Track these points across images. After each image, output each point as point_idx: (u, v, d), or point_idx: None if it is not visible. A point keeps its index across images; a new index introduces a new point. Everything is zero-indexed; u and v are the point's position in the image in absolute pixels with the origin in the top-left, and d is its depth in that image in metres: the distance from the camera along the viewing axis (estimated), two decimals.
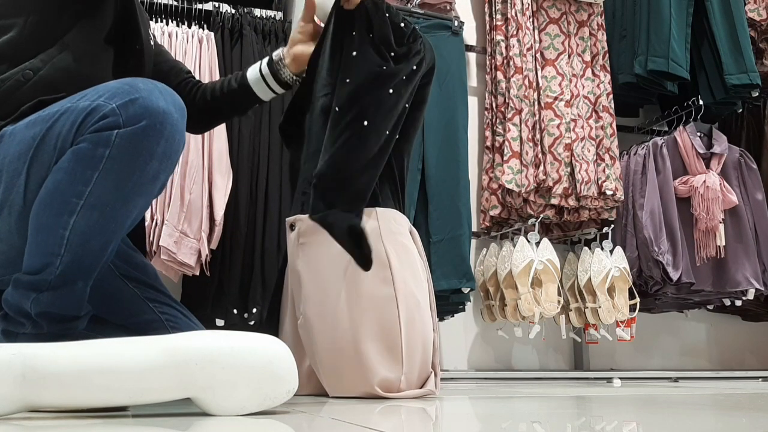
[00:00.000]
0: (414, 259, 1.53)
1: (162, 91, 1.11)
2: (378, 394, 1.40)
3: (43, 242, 1.09)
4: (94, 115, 1.07)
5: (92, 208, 1.08)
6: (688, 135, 2.97)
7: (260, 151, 2.46)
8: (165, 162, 1.12)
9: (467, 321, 2.93)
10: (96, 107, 1.08)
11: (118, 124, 1.06)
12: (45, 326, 1.11)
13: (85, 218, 1.08)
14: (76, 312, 1.13)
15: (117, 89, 1.09)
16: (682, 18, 2.95)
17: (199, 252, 2.28)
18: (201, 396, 0.97)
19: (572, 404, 1.33)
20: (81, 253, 1.10)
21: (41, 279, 1.10)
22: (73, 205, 1.08)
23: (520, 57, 2.82)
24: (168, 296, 1.39)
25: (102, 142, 1.06)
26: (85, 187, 1.07)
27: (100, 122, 1.07)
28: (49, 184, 1.09)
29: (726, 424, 0.94)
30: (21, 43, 1.26)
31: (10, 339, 1.13)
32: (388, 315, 1.44)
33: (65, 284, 1.11)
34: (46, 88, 1.23)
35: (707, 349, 3.37)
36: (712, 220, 2.87)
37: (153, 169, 1.11)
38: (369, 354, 1.41)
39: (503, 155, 2.75)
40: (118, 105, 1.07)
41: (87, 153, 1.07)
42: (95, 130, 1.07)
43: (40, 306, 1.10)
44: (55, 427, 0.87)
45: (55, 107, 1.13)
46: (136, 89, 1.08)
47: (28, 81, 1.23)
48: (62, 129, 1.09)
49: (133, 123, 1.07)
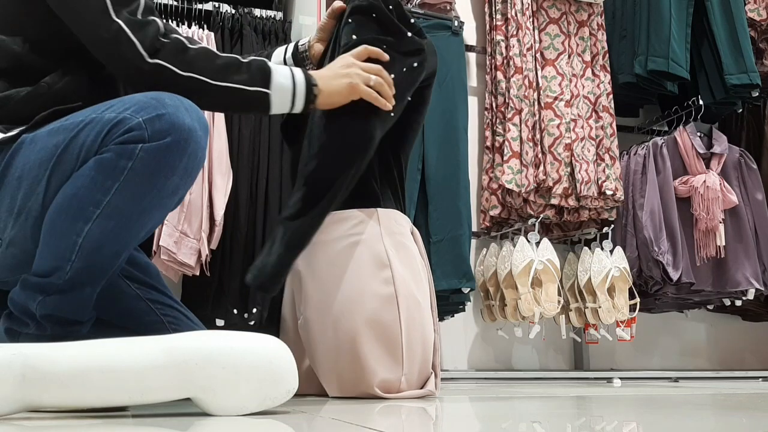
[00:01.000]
0: (415, 259, 1.53)
1: (188, 107, 1.12)
2: (377, 395, 1.40)
3: (56, 246, 1.10)
4: (120, 127, 1.08)
5: (108, 217, 1.09)
6: (688, 135, 2.97)
7: (260, 151, 2.45)
8: (185, 178, 1.13)
9: (467, 321, 2.93)
10: (122, 119, 1.08)
11: (143, 138, 1.07)
12: (49, 328, 1.11)
13: (100, 227, 1.09)
14: (81, 317, 1.14)
15: (144, 103, 1.09)
16: (682, 18, 2.95)
17: (199, 252, 2.28)
18: (201, 396, 0.97)
19: (572, 404, 1.33)
20: (92, 261, 1.11)
21: (50, 282, 1.10)
22: (89, 213, 1.08)
23: (520, 57, 2.82)
24: (170, 297, 1.40)
25: (126, 155, 1.07)
26: (103, 196, 1.08)
27: (125, 135, 1.07)
28: (68, 190, 1.09)
29: (726, 424, 0.94)
30: (36, 52, 1.25)
31: (12, 338, 1.13)
32: (388, 315, 1.44)
33: (73, 289, 1.11)
34: (62, 99, 1.21)
35: (707, 349, 3.37)
36: (712, 220, 2.87)
37: (173, 185, 1.11)
38: (368, 355, 1.41)
39: (503, 155, 2.75)
40: (144, 119, 1.07)
41: (109, 163, 1.07)
42: (120, 142, 1.07)
43: (45, 308, 1.11)
44: (55, 427, 0.87)
45: (79, 117, 1.13)
46: (162, 104, 1.09)
47: (43, 92, 1.21)
48: (87, 139, 1.09)
49: (158, 138, 1.07)
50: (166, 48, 1.22)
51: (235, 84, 1.26)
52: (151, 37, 1.21)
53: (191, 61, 1.23)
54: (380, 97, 1.42)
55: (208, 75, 1.24)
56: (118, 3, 1.20)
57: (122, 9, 1.20)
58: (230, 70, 1.27)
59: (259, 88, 1.29)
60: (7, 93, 1.20)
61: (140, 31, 1.20)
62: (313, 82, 1.36)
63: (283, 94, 1.31)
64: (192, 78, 1.23)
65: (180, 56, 1.23)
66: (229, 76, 1.26)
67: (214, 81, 1.24)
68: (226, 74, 1.26)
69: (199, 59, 1.24)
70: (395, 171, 1.58)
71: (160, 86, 1.21)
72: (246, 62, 1.29)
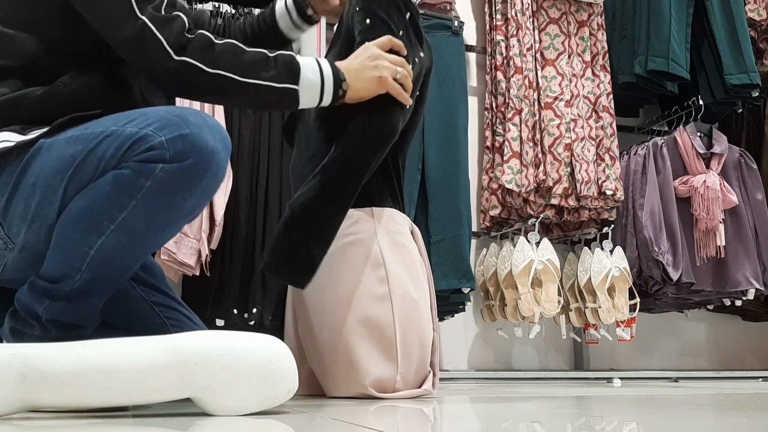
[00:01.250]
0: (412, 258, 1.52)
1: (212, 127, 1.09)
2: (371, 395, 1.40)
3: (66, 254, 1.09)
4: (141, 144, 1.05)
5: (121, 233, 1.08)
6: (688, 135, 2.97)
7: (260, 151, 2.46)
8: (203, 198, 1.12)
9: (467, 321, 2.93)
10: (144, 136, 1.06)
11: (164, 158, 1.05)
12: (53, 332, 1.12)
13: (113, 241, 1.08)
14: (86, 323, 1.14)
15: (167, 120, 1.07)
16: (682, 18, 2.95)
17: (199, 252, 2.28)
18: (201, 396, 0.97)
19: (572, 404, 1.33)
20: (101, 273, 1.11)
21: (57, 288, 1.10)
22: (103, 227, 1.07)
23: (520, 57, 2.82)
24: (173, 299, 1.39)
25: (145, 173, 1.05)
26: (119, 212, 1.07)
27: (146, 153, 1.05)
28: (83, 201, 1.08)
29: (726, 424, 0.94)
30: (52, 52, 1.21)
31: (17, 338, 1.14)
32: (382, 315, 1.43)
33: (80, 298, 1.11)
34: (78, 100, 1.19)
35: (707, 349, 3.37)
36: (712, 220, 2.87)
37: (190, 205, 1.10)
38: (361, 354, 1.41)
39: (503, 155, 2.75)
40: (167, 139, 1.05)
41: (128, 180, 1.06)
42: (140, 160, 1.05)
43: (51, 313, 1.11)
44: (55, 427, 0.87)
45: (99, 127, 1.10)
46: (186, 123, 1.07)
47: (59, 92, 1.18)
48: (106, 152, 1.07)
49: (179, 159, 1.05)
50: (193, 44, 1.18)
51: (263, 81, 1.23)
52: (176, 34, 1.17)
53: (218, 58, 1.20)
54: (403, 92, 1.41)
55: (236, 72, 1.21)
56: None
57: (146, 5, 1.17)
58: (258, 65, 1.23)
59: (288, 85, 1.26)
60: (22, 92, 1.17)
61: (165, 28, 1.17)
62: (342, 77, 1.33)
63: (312, 89, 1.29)
64: (219, 75, 1.20)
65: (207, 52, 1.19)
66: (257, 72, 1.23)
67: (242, 78, 1.21)
68: (254, 71, 1.23)
69: (226, 55, 1.21)
70: (393, 170, 1.57)
71: (186, 84, 1.20)
72: (273, 56, 1.25)
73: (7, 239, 1.13)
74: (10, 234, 1.13)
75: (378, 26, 1.47)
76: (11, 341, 1.14)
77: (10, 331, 1.15)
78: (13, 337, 1.14)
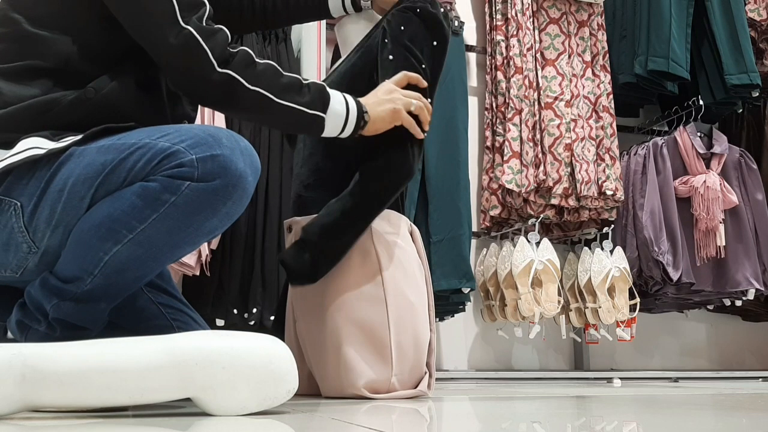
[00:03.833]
0: (408, 259, 1.52)
1: (243, 150, 1.10)
2: (365, 396, 1.40)
3: (81, 257, 1.10)
4: (172, 159, 1.06)
5: (139, 244, 1.09)
6: (689, 135, 2.96)
7: (260, 152, 2.45)
8: (225, 220, 1.12)
9: (467, 321, 2.93)
10: (175, 152, 1.06)
11: (192, 177, 1.06)
12: (58, 330, 1.12)
13: (129, 251, 1.09)
14: (91, 326, 1.15)
15: (201, 139, 1.08)
16: (682, 18, 2.95)
17: (199, 252, 2.28)
18: (201, 396, 0.97)
19: (572, 404, 1.33)
20: (113, 280, 1.11)
21: (68, 289, 1.11)
22: (122, 236, 1.08)
23: (520, 57, 2.82)
24: (180, 300, 1.40)
25: (171, 189, 1.06)
26: (139, 224, 1.08)
27: (175, 169, 1.06)
28: (105, 208, 1.08)
29: (726, 424, 0.94)
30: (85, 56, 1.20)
31: (23, 331, 1.14)
32: (376, 316, 1.43)
33: (89, 301, 1.12)
34: (108, 105, 1.19)
35: (707, 349, 3.37)
36: (712, 220, 2.87)
37: (211, 225, 1.11)
38: (353, 355, 1.41)
39: (503, 155, 2.75)
40: (198, 157, 1.06)
41: (153, 193, 1.06)
42: (168, 176, 1.06)
43: (59, 312, 1.12)
44: (55, 427, 0.87)
45: (132, 138, 1.11)
46: (219, 144, 1.08)
47: (90, 96, 1.18)
48: (136, 164, 1.08)
49: (207, 180, 1.06)
50: (236, 59, 1.20)
51: (296, 105, 1.26)
52: (221, 46, 1.18)
53: (259, 76, 1.22)
54: (416, 125, 1.44)
55: (273, 92, 1.23)
56: (186, 8, 1.16)
57: (191, 15, 1.17)
58: (293, 89, 1.26)
59: (318, 112, 1.29)
60: (53, 96, 1.16)
61: (211, 39, 1.17)
62: (364, 110, 1.37)
63: (337, 119, 1.33)
64: (257, 93, 1.22)
65: (249, 69, 1.21)
66: (292, 95, 1.25)
67: (277, 99, 1.24)
68: (290, 93, 1.25)
69: (267, 75, 1.23)
70: None
71: (225, 98, 1.20)
72: (306, 84, 1.28)
73: (31, 243, 1.14)
74: (35, 239, 1.13)
75: (400, 62, 1.49)
76: (17, 334, 1.16)
77: (17, 324, 1.15)
78: (19, 331, 1.15)
